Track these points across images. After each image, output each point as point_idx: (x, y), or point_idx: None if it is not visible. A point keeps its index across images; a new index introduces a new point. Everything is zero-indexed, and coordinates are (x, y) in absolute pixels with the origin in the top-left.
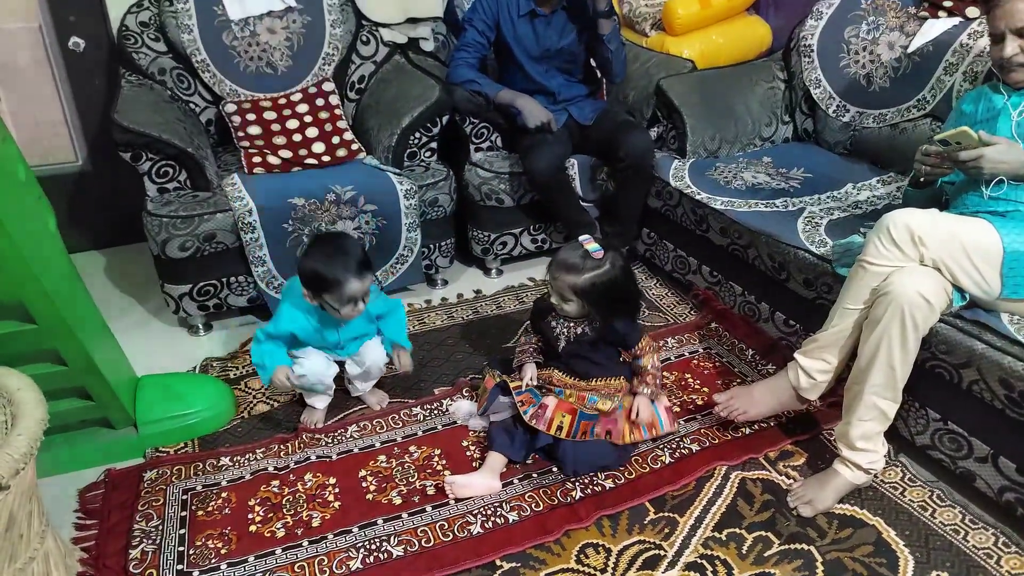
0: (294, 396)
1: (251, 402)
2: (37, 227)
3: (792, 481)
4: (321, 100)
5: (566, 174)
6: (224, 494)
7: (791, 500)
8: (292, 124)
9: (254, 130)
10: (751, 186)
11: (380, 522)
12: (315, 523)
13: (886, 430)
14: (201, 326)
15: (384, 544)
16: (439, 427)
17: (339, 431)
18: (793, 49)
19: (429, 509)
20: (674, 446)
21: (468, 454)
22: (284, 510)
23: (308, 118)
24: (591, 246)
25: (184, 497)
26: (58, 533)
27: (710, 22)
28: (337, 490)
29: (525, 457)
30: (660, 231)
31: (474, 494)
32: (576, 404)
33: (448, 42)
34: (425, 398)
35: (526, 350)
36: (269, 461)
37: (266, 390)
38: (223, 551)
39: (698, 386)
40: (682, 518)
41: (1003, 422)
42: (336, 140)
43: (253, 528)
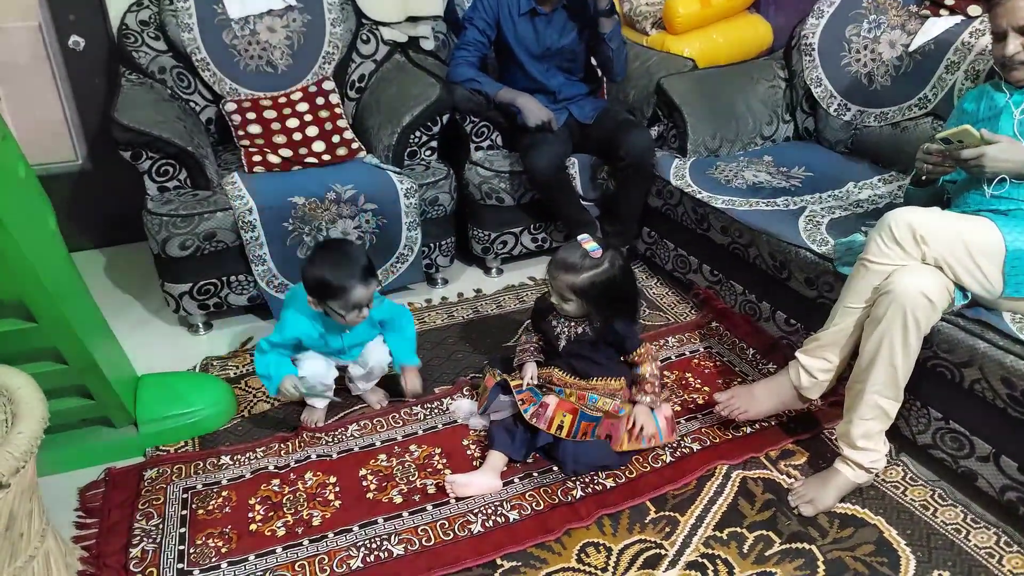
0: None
1: (251, 401)
2: (37, 225)
3: (793, 480)
4: (321, 99)
5: (566, 173)
6: (224, 493)
7: (792, 499)
8: (292, 123)
9: (254, 129)
10: (752, 185)
11: (381, 521)
12: (316, 522)
13: (887, 429)
14: (201, 325)
15: (385, 543)
16: (439, 426)
17: (339, 430)
18: (794, 48)
19: (430, 508)
20: (675, 445)
21: (468, 453)
22: (284, 509)
23: (308, 117)
24: (590, 245)
25: (184, 496)
26: (58, 532)
27: (711, 21)
28: (337, 489)
29: (526, 456)
30: (661, 230)
31: (475, 493)
32: (577, 404)
33: (448, 41)
34: (425, 397)
35: (527, 349)
36: (269, 460)
37: (270, 397)
38: (223, 550)
39: (699, 385)
40: (683, 517)
41: (1005, 421)
42: (336, 139)
43: (253, 527)
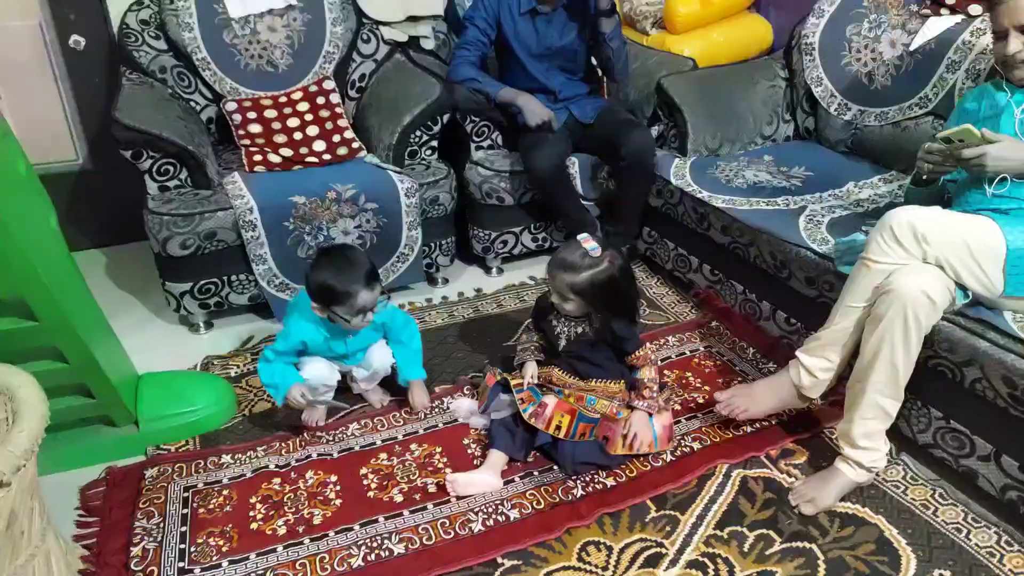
0: None
1: (252, 400)
2: (38, 223)
3: (794, 479)
4: (322, 98)
5: (567, 173)
6: (225, 492)
7: (793, 498)
8: (293, 122)
9: (255, 128)
10: (752, 184)
11: (381, 520)
12: (316, 521)
13: (888, 428)
14: (202, 324)
15: (385, 542)
16: (440, 425)
17: (340, 429)
18: (794, 47)
19: (430, 507)
20: (676, 444)
21: (469, 452)
22: (285, 508)
23: (309, 116)
24: (589, 245)
25: (185, 495)
26: (59, 530)
27: (711, 20)
28: (338, 488)
29: (526, 455)
30: (661, 230)
31: (475, 492)
32: (575, 404)
33: (449, 40)
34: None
35: (527, 348)
36: (270, 459)
37: (271, 397)
38: (224, 549)
39: (699, 384)
40: (683, 516)
41: (1006, 420)
42: (337, 138)
43: (254, 526)
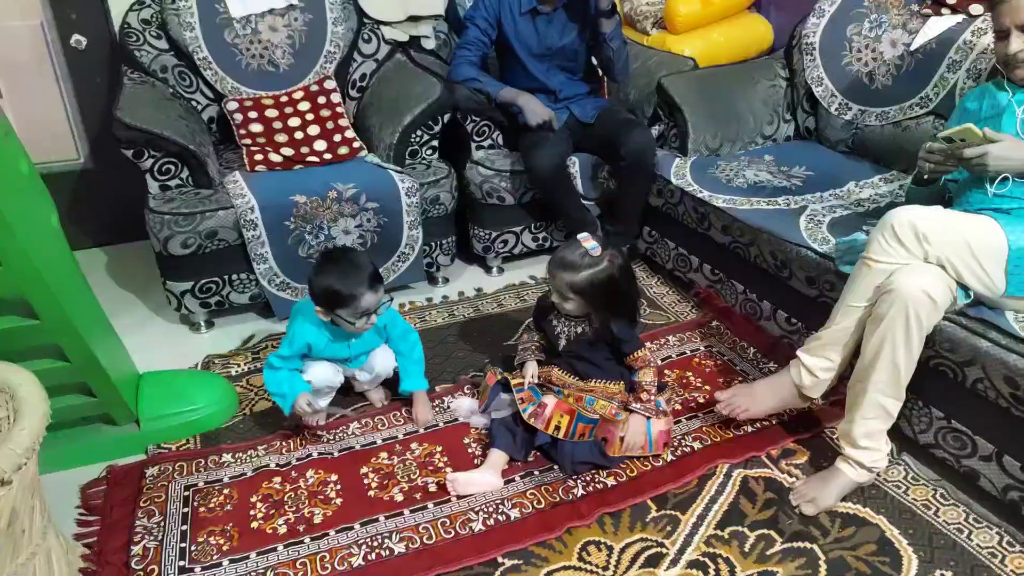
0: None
1: (253, 399)
2: (40, 222)
3: (794, 479)
4: (323, 98)
5: (567, 172)
6: (226, 490)
7: (793, 498)
8: (294, 122)
9: (256, 128)
10: (753, 184)
11: (382, 519)
12: (317, 520)
13: (889, 428)
14: (203, 323)
15: (386, 541)
16: (440, 424)
17: (341, 428)
18: (795, 47)
19: (431, 506)
20: (676, 444)
21: (470, 451)
22: (286, 507)
23: (310, 116)
24: (589, 244)
25: (186, 493)
26: (60, 529)
27: (711, 20)
28: (339, 487)
29: (527, 455)
30: (661, 229)
31: (476, 491)
32: (575, 405)
33: (449, 40)
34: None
35: (528, 348)
36: (271, 458)
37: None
38: (225, 547)
39: (700, 384)
40: (684, 516)
41: (1007, 420)
42: (338, 138)
43: (255, 524)
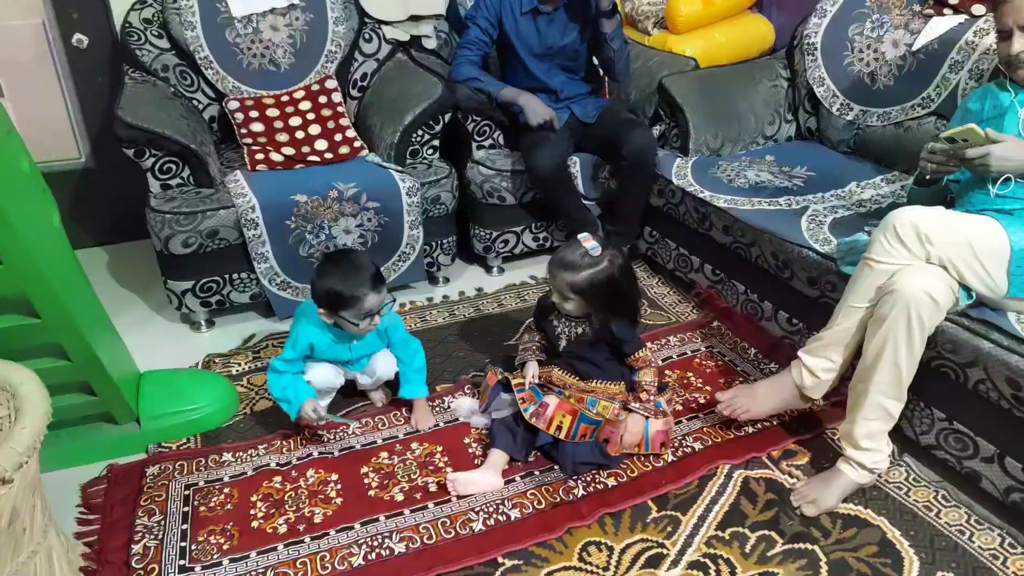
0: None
1: (253, 398)
2: (41, 221)
3: (795, 480)
4: (324, 97)
5: (568, 172)
6: (226, 490)
7: (794, 499)
8: (295, 121)
9: (257, 127)
10: (754, 184)
11: (382, 519)
12: (317, 519)
13: (891, 429)
14: (204, 322)
15: (386, 541)
16: (441, 424)
17: (342, 428)
18: (796, 47)
19: (431, 506)
20: (677, 445)
21: (470, 451)
22: (286, 506)
23: (311, 115)
24: (589, 244)
25: (186, 492)
26: (61, 528)
27: (713, 20)
28: (339, 486)
29: (527, 455)
30: (662, 229)
31: (476, 491)
32: (576, 405)
33: (450, 40)
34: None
35: (529, 348)
36: (271, 457)
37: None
38: (225, 547)
39: (700, 385)
40: (685, 516)
41: (1009, 422)
42: (339, 137)
43: (255, 524)
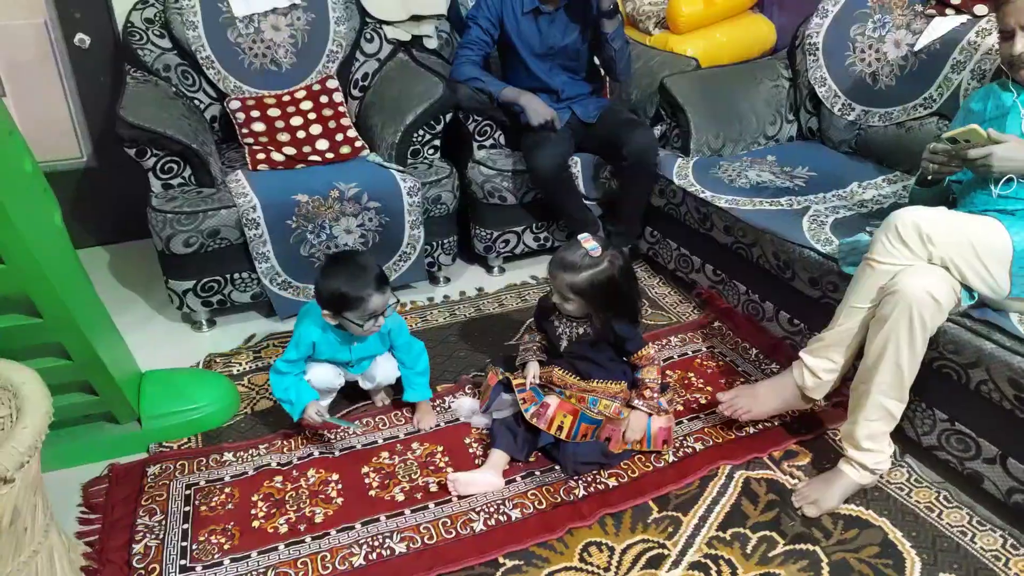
0: None
1: (254, 398)
2: (43, 220)
3: (797, 481)
4: (325, 97)
5: (569, 172)
6: (227, 489)
7: (796, 500)
8: (296, 121)
9: (258, 127)
10: (755, 184)
11: (383, 519)
12: (318, 519)
13: (892, 430)
14: (205, 322)
15: (387, 540)
16: (442, 424)
17: (342, 427)
18: (798, 47)
19: (432, 506)
20: (678, 445)
21: (471, 451)
22: (287, 506)
23: (312, 115)
24: (590, 244)
25: (187, 492)
26: (62, 527)
27: (714, 20)
28: (340, 486)
29: (528, 455)
30: (663, 229)
31: (477, 491)
32: (577, 405)
33: (452, 40)
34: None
35: (529, 348)
36: (272, 457)
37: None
38: (226, 546)
39: (702, 385)
40: (686, 517)
41: (1012, 423)
42: (340, 137)
43: (256, 524)
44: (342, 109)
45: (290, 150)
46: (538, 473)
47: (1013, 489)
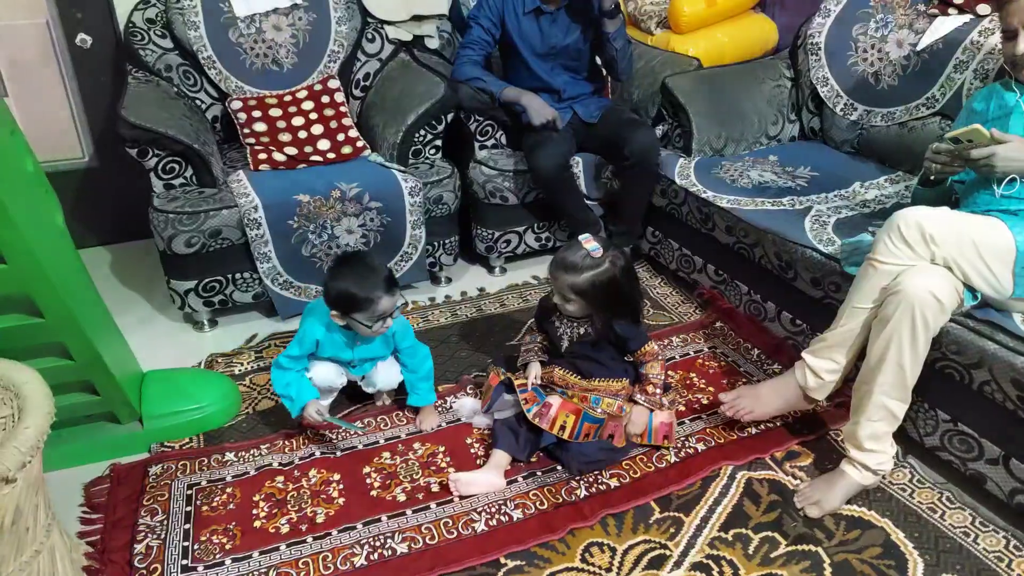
0: None
1: (256, 398)
2: (45, 220)
3: (799, 482)
4: (326, 97)
5: (571, 172)
6: (229, 489)
7: (798, 501)
8: (298, 121)
9: (260, 127)
10: (757, 184)
11: (384, 519)
12: (319, 519)
13: (895, 431)
14: (206, 322)
15: (388, 541)
16: (443, 424)
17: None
18: (800, 47)
19: (433, 506)
20: (680, 445)
21: (472, 452)
22: (288, 506)
23: (313, 115)
24: (591, 245)
25: (189, 492)
26: (63, 527)
27: (716, 20)
28: (341, 486)
29: (529, 455)
30: (665, 230)
31: (478, 492)
32: (580, 405)
33: (453, 40)
34: None
35: (531, 348)
36: (274, 457)
37: (275, 395)
38: (227, 546)
39: (703, 385)
40: (688, 518)
41: (1015, 423)
42: (341, 137)
43: (257, 524)
44: (343, 109)
45: (291, 150)
46: (540, 473)
47: (1016, 490)
